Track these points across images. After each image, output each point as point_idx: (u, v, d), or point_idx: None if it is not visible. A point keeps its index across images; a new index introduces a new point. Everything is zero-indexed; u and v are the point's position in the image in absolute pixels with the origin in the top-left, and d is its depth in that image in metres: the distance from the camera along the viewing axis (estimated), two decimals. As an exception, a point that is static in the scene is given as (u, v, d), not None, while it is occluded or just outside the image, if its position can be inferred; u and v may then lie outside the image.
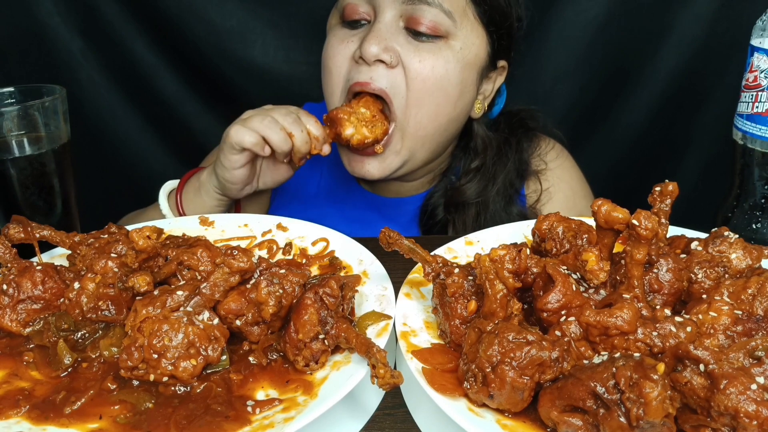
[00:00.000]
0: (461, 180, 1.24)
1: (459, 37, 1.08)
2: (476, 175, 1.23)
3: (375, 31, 1.05)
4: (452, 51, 1.08)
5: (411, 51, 1.06)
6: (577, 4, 1.70)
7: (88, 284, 0.76)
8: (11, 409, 0.66)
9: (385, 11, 1.05)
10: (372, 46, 1.03)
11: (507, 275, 0.67)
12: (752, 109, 0.94)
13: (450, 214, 1.23)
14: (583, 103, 1.83)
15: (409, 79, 1.06)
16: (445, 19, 1.05)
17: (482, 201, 1.22)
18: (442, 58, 1.07)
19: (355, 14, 1.09)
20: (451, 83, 1.09)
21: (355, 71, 1.08)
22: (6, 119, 0.96)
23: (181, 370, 0.67)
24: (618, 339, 0.64)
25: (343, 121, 1.05)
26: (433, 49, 1.06)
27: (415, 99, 1.08)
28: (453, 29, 1.07)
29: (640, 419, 0.54)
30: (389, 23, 1.06)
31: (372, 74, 1.06)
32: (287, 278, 0.73)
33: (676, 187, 0.76)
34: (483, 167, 1.23)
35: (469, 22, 1.09)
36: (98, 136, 1.79)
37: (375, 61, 1.05)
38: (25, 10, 1.64)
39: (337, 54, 1.10)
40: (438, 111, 1.10)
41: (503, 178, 1.23)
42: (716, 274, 0.75)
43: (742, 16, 1.63)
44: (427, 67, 1.06)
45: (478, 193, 1.22)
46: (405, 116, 1.09)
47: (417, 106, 1.08)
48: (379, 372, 0.63)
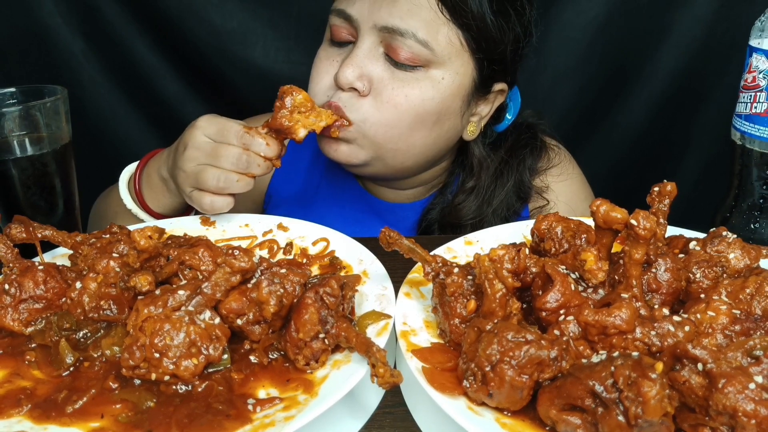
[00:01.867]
0: (457, 198, 1.23)
1: (441, 67, 1.05)
2: (470, 194, 1.21)
3: (352, 57, 1.05)
4: (431, 81, 1.05)
5: (387, 78, 1.05)
6: (577, 5, 1.70)
7: (90, 284, 0.76)
8: (13, 408, 0.66)
9: (364, 37, 1.05)
10: (348, 71, 1.03)
11: (506, 275, 0.67)
12: (751, 110, 0.94)
13: (445, 233, 1.21)
14: (583, 103, 1.83)
15: (379, 104, 1.05)
16: (422, 50, 1.03)
17: (478, 222, 1.20)
18: (418, 88, 1.05)
19: (339, 35, 1.10)
20: (427, 111, 1.07)
21: (331, 91, 1.08)
22: (7, 120, 0.96)
23: (182, 369, 0.68)
24: (616, 338, 0.64)
25: (291, 128, 0.98)
26: (409, 79, 1.05)
27: (383, 120, 1.06)
28: (432, 58, 1.04)
29: (638, 418, 0.54)
30: (368, 49, 1.05)
31: (341, 97, 1.06)
32: (288, 278, 0.74)
33: (675, 187, 0.76)
34: (477, 187, 1.21)
35: (454, 49, 1.05)
36: (99, 137, 1.80)
37: (349, 88, 1.05)
38: (26, 10, 1.64)
39: (322, 70, 1.12)
40: (410, 133, 1.09)
41: (501, 200, 1.21)
42: (714, 274, 0.75)
43: (741, 17, 1.63)
44: (400, 95, 1.05)
45: (474, 213, 1.20)
46: (370, 128, 1.07)
47: (384, 126, 1.07)
48: (379, 371, 0.63)
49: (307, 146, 1.32)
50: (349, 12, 1.06)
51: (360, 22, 1.05)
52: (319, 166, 1.36)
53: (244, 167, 0.96)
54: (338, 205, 1.33)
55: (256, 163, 0.97)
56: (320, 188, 1.35)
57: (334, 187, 1.34)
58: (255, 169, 0.97)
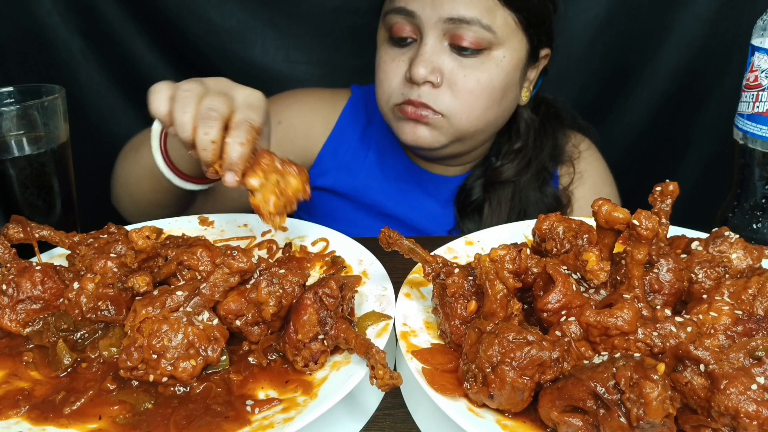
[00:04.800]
0: (501, 161, 1.31)
1: (501, 47, 1.15)
2: (516, 157, 1.30)
3: (422, 55, 1.13)
4: (495, 61, 1.15)
5: (456, 68, 1.14)
6: (578, 4, 1.69)
7: (88, 284, 0.76)
8: (11, 409, 0.66)
9: (429, 33, 1.13)
10: (420, 69, 1.12)
11: (507, 275, 0.67)
12: (753, 109, 0.94)
13: (487, 193, 1.30)
14: (583, 103, 1.83)
15: (456, 93, 1.14)
16: (486, 34, 1.12)
17: (517, 181, 1.29)
18: (486, 70, 1.15)
19: (401, 33, 1.16)
20: (496, 89, 1.17)
21: (407, 89, 1.16)
22: (5, 119, 0.96)
23: (180, 370, 0.67)
24: (618, 339, 0.64)
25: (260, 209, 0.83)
26: (476, 64, 1.14)
27: (464, 107, 1.15)
28: (494, 40, 1.13)
29: (640, 419, 0.54)
30: (434, 44, 1.13)
31: (420, 93, 1.14)
32: (287, 278, 0.73)
33: (677, 187, 0.76)
34: (524, 149, 1.30)
35: (510, 29, 1.15)
36: (97, 136, 1.79)
37: (424, 82, 1.13)
38: (24, 9, 1.64)
39: (390, 71, 1.19)
40: (486, 112, 1.18)
41: (539, 160, 1.31)
42: (717, 275, 0.74)
43: (742, 16, 1.63)
44: (473, 80, 1.14)
45: (515, 173, 1.29)
46: (455, 117, 1.16)
47: (466, 112, 1.16)
48: (378, 373, 0.63)
49: (360, 118, 1.41)
50: (411, 8, 1.13)
51: (423, 17, 1.12)
52: (370, 137, 1.41)
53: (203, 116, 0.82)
54: (384, 175, 1.39)
55: (205, 131, 0.81)
56: (368, 158, 1.40)
57: (383, 156, 1.39)
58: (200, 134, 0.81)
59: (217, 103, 0.83)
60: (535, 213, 1.25)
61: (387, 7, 1.19)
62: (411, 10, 1.13)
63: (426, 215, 1.37)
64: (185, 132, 0.82)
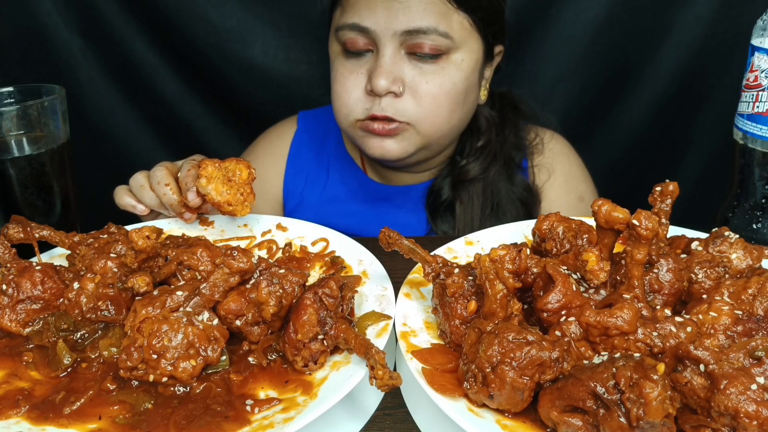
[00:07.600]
0: (467, 159, 1.30)
1: (458, 50, 1.14)
2: (481, 154, 1.29)
3: (381, 66, 1.11)
4: (455, 65, 1.14)
5: (417, 75, 1.13)
6: (577, 4, 1.69)
7: (88, 284, 0.76)
8: (11, 409, 0.66)
9: (386, 45, 1.11)
10: (381, 80, 1.10)
11: (507, 275, 0.67)
12: (753, 109, 0.94)
13: (456, 191, 1.29)
14: (583, 103, 1.83)
15: (419, 99, 1.13)
16: (443, 41, 1.11)
17: (486, 176, 1.28)
18: (447, 75, 1.14)
19: (356, 46, 1.15)
20: (458, 92, 1.16)
21: (368, 103, 1.15)
22: (5, 119, 0.96)
23: (180, 370, 0.67)
24: (618, 339, 0.64)
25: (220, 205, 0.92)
26: (437, 69, 1.13)
27: (428, 113, 1.15)
28: (452, 45, 1.12)
29: (640, 419, 0.54)
30: (392, 55, 1.12)
31: (383, 105, 1.13)
32: (287, 278, 0.73)
33: (677, 187, 0.75)
34: (488, 145, 1.30)
35: (466, 32, 1.14)
36: (97, 136, 1.79)
37: (386, 93, 1.12)
38: (24, 9, 1.63)
39: (349, 84, 1.17)
40: (451, 116, 1.18)
41: (504, 153, 1.30)
42: (717, 275, 0.74)
43: (742, 16, 1.63)
44: (435, 86, 1.13)
45: (482, 170, 1.29)
46: (420, 124, 1.16)
47: (431, 117, 1.15)
48: (378, 373, 0.63)
49: (313, 143, 1.40)
50: (365, 24, 1.11)
51: (378, 32, 1.11)
52: (327, 161, 1.40)
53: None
54: (348, 196, 1.38)
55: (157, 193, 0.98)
56: (329, 182, 1.39)
57: (344, 177, 1.38)
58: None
59: (159, 169, 0.99)
60: (508, 204, 1.28)
61: (338, 22, 1.16)
62: (365, 27, 1.11)
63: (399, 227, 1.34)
64: (152, 200, 0.98)
